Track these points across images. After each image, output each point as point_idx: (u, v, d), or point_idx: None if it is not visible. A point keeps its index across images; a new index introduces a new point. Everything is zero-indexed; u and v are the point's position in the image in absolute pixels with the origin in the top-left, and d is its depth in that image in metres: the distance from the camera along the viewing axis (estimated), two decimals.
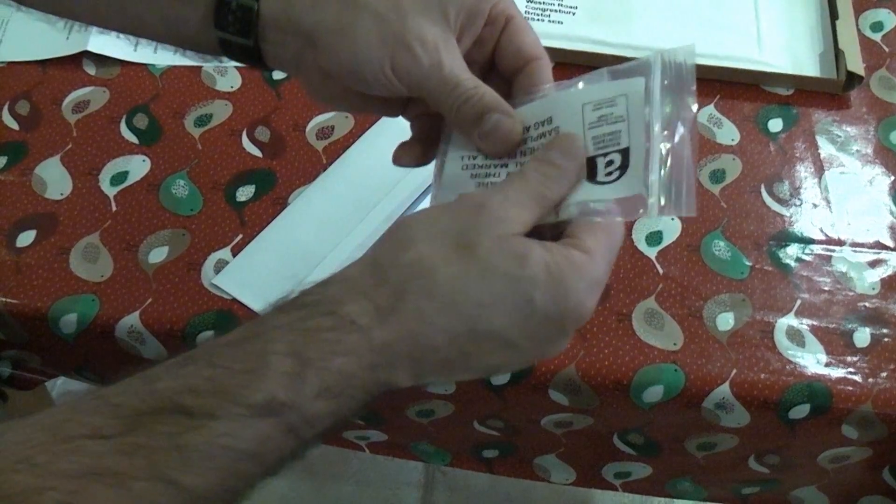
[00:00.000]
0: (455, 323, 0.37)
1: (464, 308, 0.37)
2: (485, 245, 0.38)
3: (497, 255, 0.38)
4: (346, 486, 1.32)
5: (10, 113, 0.74)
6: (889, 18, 0.84)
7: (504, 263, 0.38)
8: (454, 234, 0.38)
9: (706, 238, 0.69)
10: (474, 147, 0.45)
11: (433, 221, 0.40)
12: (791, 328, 0.64)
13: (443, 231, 0.39)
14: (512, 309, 0.38)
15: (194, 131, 0.74)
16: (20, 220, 0.68)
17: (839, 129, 0.76)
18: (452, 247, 0.38)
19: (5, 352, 0.69)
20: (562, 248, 0.39)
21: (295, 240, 0.67)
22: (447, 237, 0.38)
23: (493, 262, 0.38)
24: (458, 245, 0.38)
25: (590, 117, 0.42)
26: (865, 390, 0.61)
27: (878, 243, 0.69)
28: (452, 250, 0.38)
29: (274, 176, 0.71)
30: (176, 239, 0.67)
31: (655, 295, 0.65)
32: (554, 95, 0.44)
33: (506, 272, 0.38)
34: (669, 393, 0.62)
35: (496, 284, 0.37)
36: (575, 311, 0.39)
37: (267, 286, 0.64)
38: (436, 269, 0.37)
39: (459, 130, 0.45)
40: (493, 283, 0.37)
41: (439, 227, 0.39)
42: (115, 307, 0.63)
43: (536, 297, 0.38)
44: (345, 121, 0.75)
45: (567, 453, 0.73)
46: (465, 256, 0.38)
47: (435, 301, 0.37)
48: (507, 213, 0.39)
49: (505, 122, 0.43)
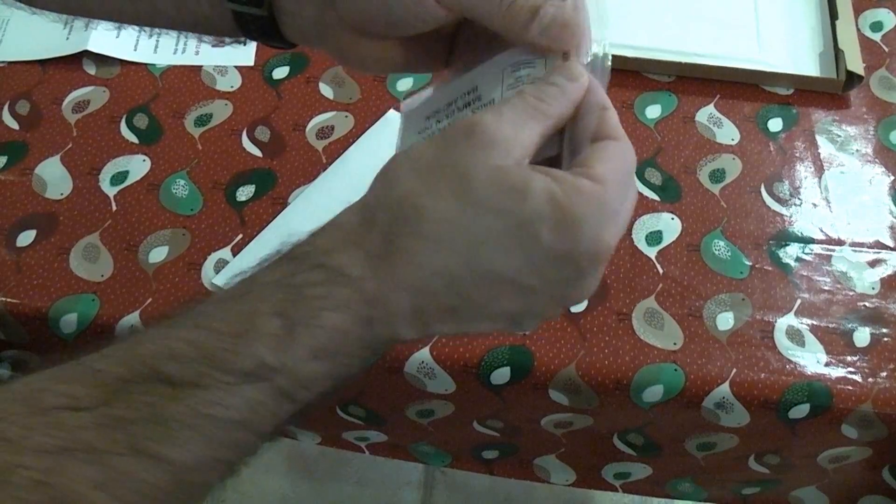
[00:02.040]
0: (450, 263, 0.34)
1: (457, 247, 0.34)
2: (479, 176, 0.34)
3: (492, 186, 0.34)
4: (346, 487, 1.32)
5: (10, 113, 0.74)
6: (889, 18, 0.84)
7: (501, 196, 0.34)
8: (444, 164, 0.35)
9: (706, 238, 0.69)
10: (416, 133, 0.44)
11: (421, 153, 0.36)
12: (791, 328, 0.64)
13: (431, 162, 0.35)
14: (514, 246, 0.34)
15: (194, 131, 0.74)
16: (20, 219, 0.68)
17: (839, 128, 0.76)
18: (443, 179, 0.34)
19: (5, 352, 0.69)
20: (569, 177, 0.34)
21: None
22: (436, 169, 0.35)
23: (488, 194, 0.34)
24: (449, 176, 0.34)
25: (509, 79, 0.41)
26: (865, 390, 0.61)
27: (878, 243, 0.69)
28: (443, 183, 0.34)
29: (274, 176, 0.71)
30: (176, 239, 0.67)
31: (655, 295, 0.65)
32: (481, 66, 0.43)
33: (503, 206, 0.34)
34: (669, 393, 0.62)
35: (493, 220, 0.34)
36: (590, 246, 0.35)
37: None
38: (424, 206, 0.34)
39: (511, 35, 0.40)
40: (489, 219, 0.34)
41: (427, 158, 0.35)
42: (116, 307, 0.63)
43: (542, 232, 0.34)
44: (345, 121, 0.75)
45: (567, 454, 0.73)
46: (457, 189, 0.34)
47: (426, 241, 0.34)
48: (502, 133, 0.35)
49: (561, 10, 0.38)
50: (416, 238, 0.34)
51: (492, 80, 0.42)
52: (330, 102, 0.76)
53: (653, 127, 0.75)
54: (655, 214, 0.70)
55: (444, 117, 0.43)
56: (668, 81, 0.78)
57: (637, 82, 0.78)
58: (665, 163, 0.73)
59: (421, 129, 0.44)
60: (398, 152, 0.38)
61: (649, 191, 0.71)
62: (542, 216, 0.34)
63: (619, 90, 0.77)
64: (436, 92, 0.45)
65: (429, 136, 0.43)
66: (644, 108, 0.76)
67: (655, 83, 0.78)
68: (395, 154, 0.37)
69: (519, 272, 0.35)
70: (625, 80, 0.78)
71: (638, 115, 0.76)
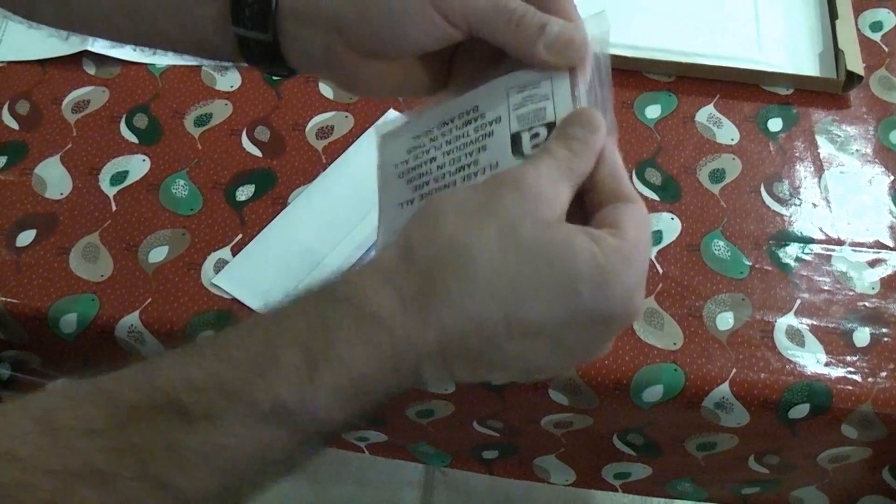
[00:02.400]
0: (487, 310, 0.34)
1: (498, 293, 0.34)
2: (527, 227, 0.34)
3: (540, 239, 0.34)
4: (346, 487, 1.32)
5: (10, 113, 0.74)
6: (888, 18, 0.84)
7: (549, 250, 0.34)
8: (492, 211, 0.35)
9: (706, 237, 0.69)
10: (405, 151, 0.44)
11: (467, 197, 0.36)
12: (791, 328, 0.64)
13: (478, 208, 0.35)
14: (554, 300, 0.34)
15: (194, 131, 0.74)
16: (20, 219, 0.68)
17: (839, 128, 0.76)
18: (491, 224, 0.35)
19: (5, 352, 0.69)
20: (608, 239, 0.35)
21: (295, 239, 0.67)
22: (485, 215, 0.35)
23: (535, 246, 0.34)
24: (498, 223, 0.35)
25: (515, 99, 0.42)
26: (865, 390, 0.61)
27: (878, 243, 0.69)
28: (491, 228, 0.34)
29: (274, 175, 0.71)
30: (176, 238, 0.67)
31: (655, 294, 0.65)
32: (480, 87, 0.44)
33: (550, 260, 0.34)
34: (669, 392, 0.62)
35: (538, 271, 0.34)
36: (624, 307, 0.35)
37: (267, 286, 0.64)
38: (471, 246, 0.34)
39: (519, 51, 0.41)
40: (534, 269, 0.34)
41: (474, 203, 0.36)
42: (115, 307, 0.63)
43: (583, 290, 0.34)
44: (345, 120, 0.75)
45: (567, 454, 0.73)
46: (506, 237, 0.34)
47: (467, 282, 0.34)
48: (545, 191, 0.36)
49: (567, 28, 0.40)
50: (458, 278, 0.34)
51: (495, 100, 0.43)
52: (330, 102, 0.76)
53: (653, 127, 0.75)
54: (655, 214, 0.70)
55: (439, 135, 0.43)
56: (668, 81, 0.78)
57: (637, 82, 0.78)
58: (665, 163, 0.73)
59: (411, 147, 0.44)
60: (438, 193, 0.38)
61: (649, 191, 0.71)
62: (585, 275, 0.34)
63: (619, 90, 0.77)
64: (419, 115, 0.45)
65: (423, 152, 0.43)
66: (644, 108, 0.76)
67: (655, 83, 0.78)
68: (435, 196, 0.37)
69: (555, 327, 0.35)
70: (625, 80, 0.78)
71: (638, 115, 0.76)
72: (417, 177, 0.43)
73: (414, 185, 0.43)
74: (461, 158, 0.42)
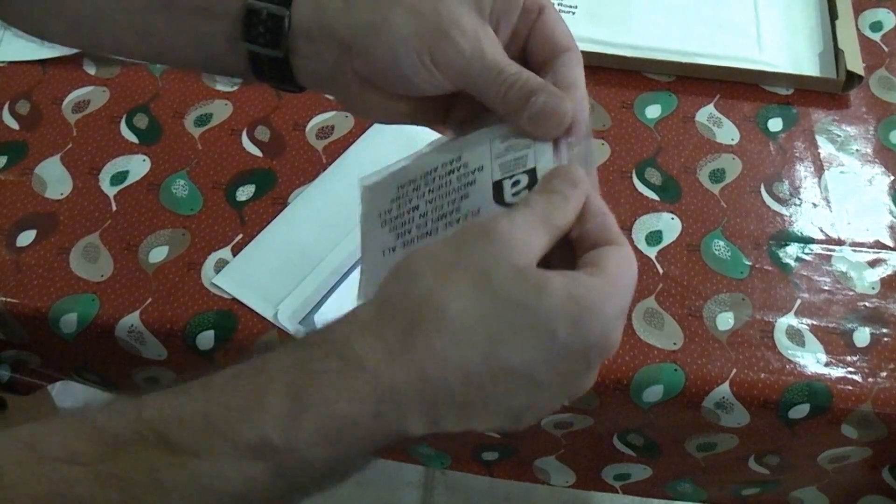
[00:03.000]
0: (470, 359, 0.35)
1: (478, 343, 0.35)
2: (499, 275, 0.35)
3: (513, 284, 0.35)
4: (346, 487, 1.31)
5: (10, 113, 0.74)
6: (888, 18, 0.84)
7: (521, 294, 0.35)
8: (465, 263, 0.36)
9: (706, 237, 0.69)
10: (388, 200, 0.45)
11: (439, 253, 0.37)
12: (791, 328, 0.64)
13: (452, 262, 0.36)
14: (532, 343, 0.35)
15: (194, 131, 0.74)
16: (20, 219, 0.68)
17: (839, 128, 0.76)
18: (464, 277, 0.35)
19: (5, 352, 0.69)
20: (583, 276, 0.36)
21: (295, 239, 0.67)
22: (457, 267, 0.36)
23: (509, 292, 0.35)
24: (470, 274, 0.35)
25: (497, 149, 0.43)
26: (865, 390, 0.61)
27: (878, 243, 0.69)
28: (464, 281, 0.35)
29: (274, 175, 0.71)
30: (176, 238, 0.67)
31: (655, 294, 0.65)
32: (467, 136, 0.45)
33: (523, 303, 0.35)
34: (669, 392, 0.62)
35: (513, 317, 0.35)
36: (601, 341, 0.36)
37: (267, 286, 0.64)
38: (447, 302, 0.35)
39: (507, 117, 0.43)
40: (509, 315, 0.35)
41: (446, 258, 0.36)
42: (115, 307, 0.63)
43: (559, 329, 0.35)
44: (345, 120, 0.75)
45: (567, 455, 0.73)
46: (479, 286, 0.35)
47: (447, 336, 0.34)
48: (517, 237, 0.36)
49: (551, 100, 0.41)
50: (439, 333, 0.34)
51: (478, 149, 0.44)
52: (330, 102, 0.76)
53: (653, 127, 0.75)
54: (655, 214, 0.70)
55: (423, 184, 0.44)
56: (668, 81, 0.78)
57: (637, 82, 0.78)
58: (665, 163, 0.73)
59: (395, 196, 0.45)
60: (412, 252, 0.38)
61: (649, 191, 0.71)
62: (559, 312, 0.35)
63: (619, 90, 0.77)
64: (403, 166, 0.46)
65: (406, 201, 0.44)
66: (644, 108, 0.76)
67: (655, 83, 0.78)
68: (410, 254, 0.38)
69: (532, 367, 0.35)
70: (625, 80, 0.78)
71: (638, 115, 0.76)
72: (400, 224, 0.44)
73: (397, 234, 0.44)
74: (443, 206, 0.43)
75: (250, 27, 0.43)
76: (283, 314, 0.63)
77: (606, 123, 0.75)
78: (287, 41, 0.44)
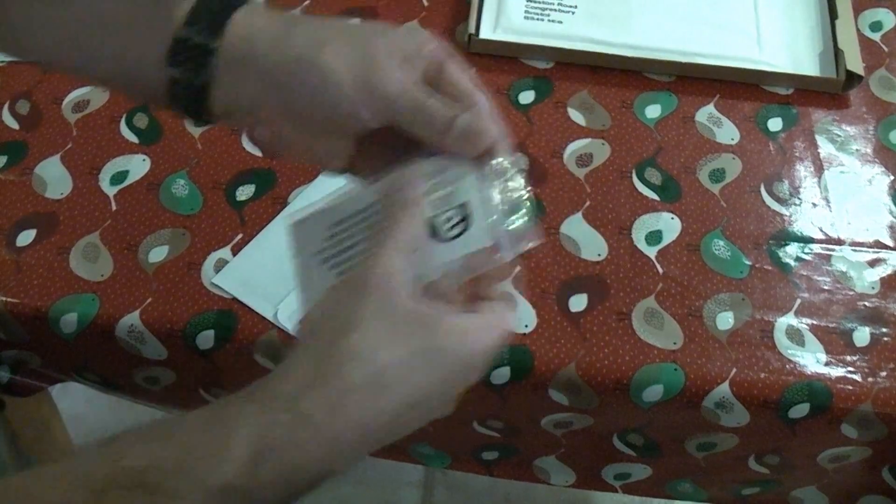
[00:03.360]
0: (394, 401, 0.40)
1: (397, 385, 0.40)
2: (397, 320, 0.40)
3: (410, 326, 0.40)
4: (346, 487, 1.32)
5: (10, 112, 0.74)
6: (888, 18, 0.84)
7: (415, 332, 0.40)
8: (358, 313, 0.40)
9: (706, 237, 0.69)
10: (321, 239, 0.47)
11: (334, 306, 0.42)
12: (791, 327, 0.64)
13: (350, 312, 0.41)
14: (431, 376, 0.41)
15: (194, 130, 0.74)
16: (20, 219, 0.68)
17: (839, 128, 0.76)
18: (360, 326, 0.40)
19: (5, 352, 0.69)
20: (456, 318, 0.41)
21: None
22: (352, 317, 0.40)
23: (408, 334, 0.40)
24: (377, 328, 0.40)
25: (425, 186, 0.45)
26: (865, 389, 0.61)
27: (878, 243, 0.69)
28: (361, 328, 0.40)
29: (274, 175, 0.71)
30: (176, 238, 0.67)
31: (655, 294, 0.65)
32: (394, 173, 0.46)
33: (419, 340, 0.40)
34: (669, 392, 0.62)
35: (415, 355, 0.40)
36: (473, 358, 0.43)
37: (267, 285, 0.64)
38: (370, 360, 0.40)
39: (432, 141, 0.46)
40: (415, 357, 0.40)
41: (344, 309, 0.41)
42: (116, 307, 0.63)
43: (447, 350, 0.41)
44: None
45: (567, 454, 0.73)
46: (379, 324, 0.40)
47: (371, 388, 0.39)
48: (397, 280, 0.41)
49: (475, 119, 0.45)
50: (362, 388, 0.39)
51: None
52: None
53: (653, 127, 0.75)
54: (655, 214, 0.70)
55: (352, 224, 0.46)
56: (668, 81, 0.78)
57: (637, 82, 0.78)
58: (665, 162, 0.73)
59: (330, 235, 0.47)
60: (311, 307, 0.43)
61: (649, 190, 0.71)
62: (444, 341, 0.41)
63: (619, 90, 0.77)
64: (332, 204, 0.48)
65: (342, 240, 0.46)
66: (644, 108, 0.76)
67: (655, 83, 0.78)
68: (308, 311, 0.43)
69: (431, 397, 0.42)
70: (625, 80, 0.78)
71: (638, 115, 0.76)
72: (340, 262, 0.46)
73: (337, 271, 0.46)
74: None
75: (177, 53, 0.44)
76: (283, 314, 0.63)
77: (606, 123, 0.75)
78: (210, 70, 0.44)
